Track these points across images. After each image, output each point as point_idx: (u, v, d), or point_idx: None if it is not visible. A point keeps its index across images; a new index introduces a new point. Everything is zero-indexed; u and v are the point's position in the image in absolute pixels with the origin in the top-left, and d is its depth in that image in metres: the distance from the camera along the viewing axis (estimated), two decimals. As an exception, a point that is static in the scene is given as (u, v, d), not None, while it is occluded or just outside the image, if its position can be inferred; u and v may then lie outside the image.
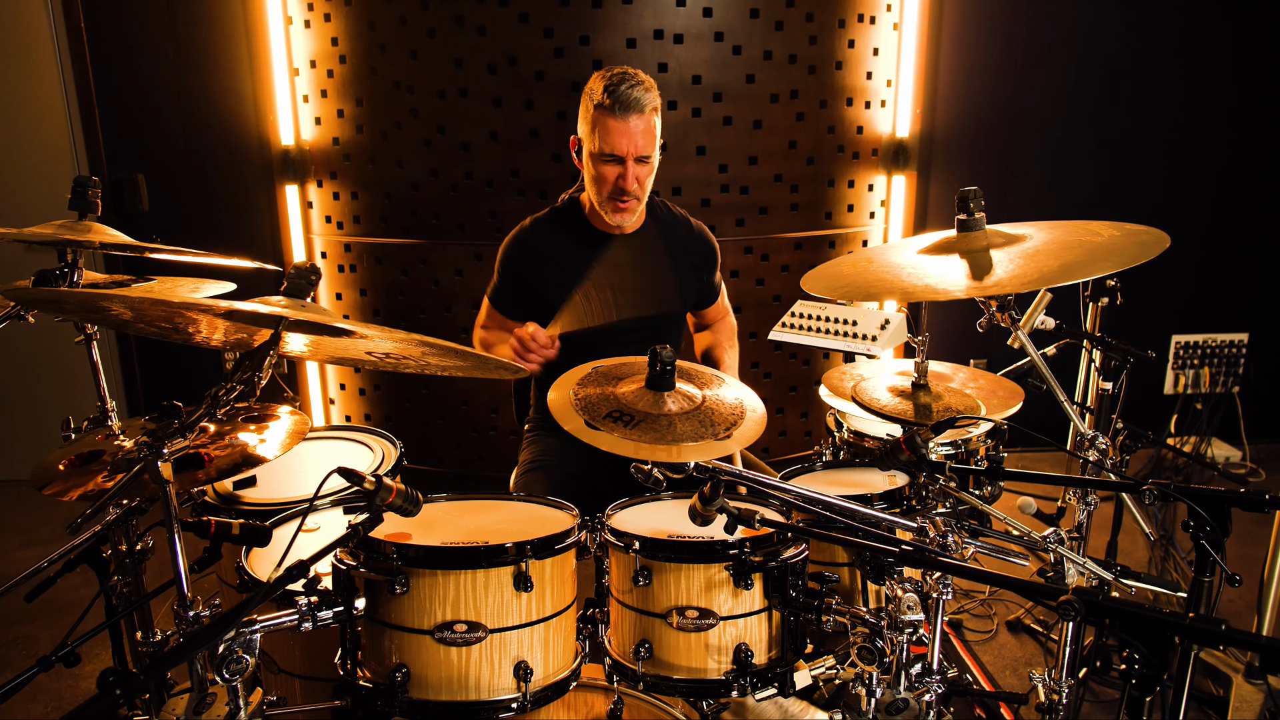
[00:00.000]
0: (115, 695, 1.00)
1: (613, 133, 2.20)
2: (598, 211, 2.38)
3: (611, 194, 2.27)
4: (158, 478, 1.39)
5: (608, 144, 2.21)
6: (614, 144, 2.20)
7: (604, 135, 2.21)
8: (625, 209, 2.29)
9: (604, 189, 2.27)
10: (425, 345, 1.34)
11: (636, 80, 2.19)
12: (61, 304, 1.25)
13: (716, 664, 1.55)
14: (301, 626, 1.48)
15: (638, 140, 2.21)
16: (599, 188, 2.28)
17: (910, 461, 1.62)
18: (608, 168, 2.24)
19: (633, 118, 2.19)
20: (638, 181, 2.25)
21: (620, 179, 2.24)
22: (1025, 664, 2.95)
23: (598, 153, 2.23)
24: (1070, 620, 1.02)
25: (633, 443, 1.31)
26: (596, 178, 2.27)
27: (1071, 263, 1.41)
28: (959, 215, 1.63)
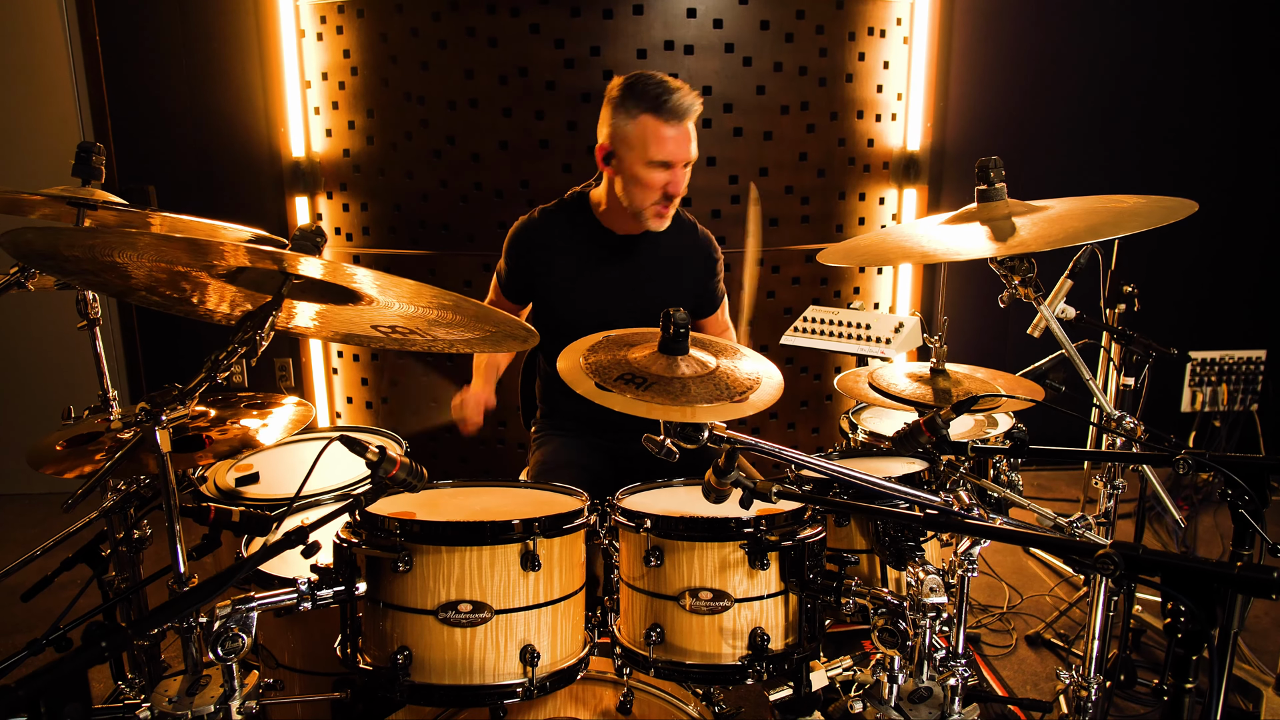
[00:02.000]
0: (101, 647, 0.95)
1: (668, 140, 2.15)
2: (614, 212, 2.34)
3: (657, 201, 2.22)
4: (155, 446, 1.34)
5: (662, 152, 2.15)
6: (669, 152, 2.16)
7: (658, 143, 2.15)
8: (667, 214, 2.26)
9: (650, 196, 2.21)
10: (438, 303, 1.30)
11: (679, 86, 2.16)
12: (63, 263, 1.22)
13: (731, 649, 1.49)
14: (300, 606, 1.43)
15: (688, 147, 2.19)
16: (643, 195, 2.22)
17: (931, 443, 1.56)
18: (658, 174, 2.19)
19: (685, 124, 2.17)
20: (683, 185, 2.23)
21: (669, 185, 2.20)
22: (1046, 679, 2.86)
23: (649, 161, 2.17)
24: (1108, 576, 0.96)
25: (645, 404, 1.27)
26: (643, 185, 2.20)
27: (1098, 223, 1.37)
28: (979, 186, 1.59)
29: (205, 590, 1.12)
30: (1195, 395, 4.50)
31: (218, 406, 1.90)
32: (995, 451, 1.60)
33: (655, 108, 2.13)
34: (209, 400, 1.95)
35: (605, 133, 2.24)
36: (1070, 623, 3.13)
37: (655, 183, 2.19)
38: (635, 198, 2.23)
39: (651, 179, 2.19)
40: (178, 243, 1.11)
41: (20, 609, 2.52)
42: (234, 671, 1.37)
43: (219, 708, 1.36)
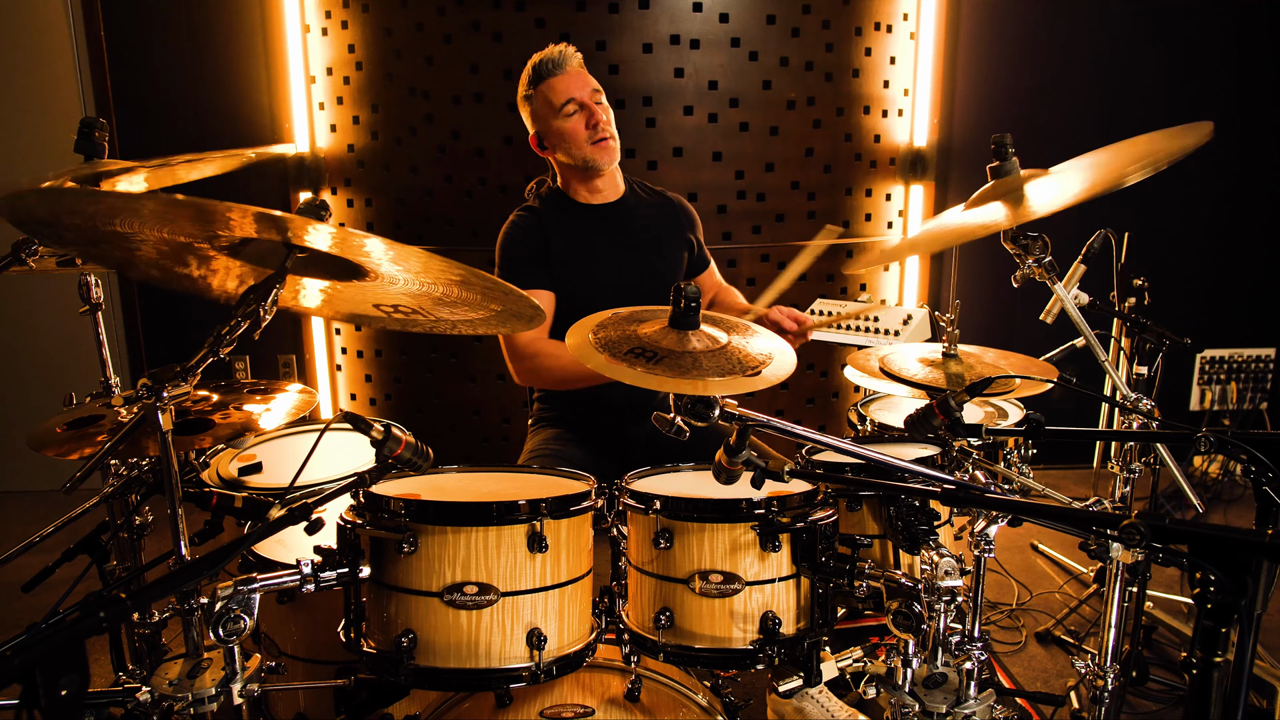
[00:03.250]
0: (99, 617, 0.92)
1: (560, 87, 2.36)
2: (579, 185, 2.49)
3: (589, 137, 2.37)
4: (156, 425, 1.32)
5: (562, 96, 2.36)
6: (565, 92, 2.35)
7: (554, 93, 2.36)
8: (606, 144, 2.40)
9: (580, 137, 2.37)
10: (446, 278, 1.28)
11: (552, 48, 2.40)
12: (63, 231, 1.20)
13: (742, 632, 1.46)
14: (304, 588, 1.40)
15: (584, 80, 2.39)
16: (577, 141, 2.38)
17: (944, 426, 1.53)
18: (575, 119, 2.36)
19: (568, 70, 2.38)
20: (606, 115, 2.39)
21: (589, 117, 2.36)
22: (1056, 676, 2.82)
23: (561, 113, 2.36)
24: (1134, 547, 0.93)
25: (656, 377, 1.24)
26: (571, 136, 2.37)
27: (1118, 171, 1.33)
28: (992, 163, 1.57)
29: (207, 563, 1.10)
30: (1204, 393, 4.48)
31: (221, 392, 1.88)
32: (1011, 433, 1.57)
33: (539, 75, 2.39)
34: (212, 386, 1.93)
35: (529, 124, 2.49)
36: (1080, 619, 3.10)
37: (577, 125, 2.37)
38: (574, 148, 2.39)
39: (573, 125, 2.37)
40: (182, 208, 1.08)
41: (21, 603, 2.49)
42: (235, 654, 1.34)
43: (220, 691, 1.33)
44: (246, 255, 1.32)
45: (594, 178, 2.46)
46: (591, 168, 2.41)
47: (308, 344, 4.22)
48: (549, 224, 2.46)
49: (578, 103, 2.36)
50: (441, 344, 3.93)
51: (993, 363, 1.93)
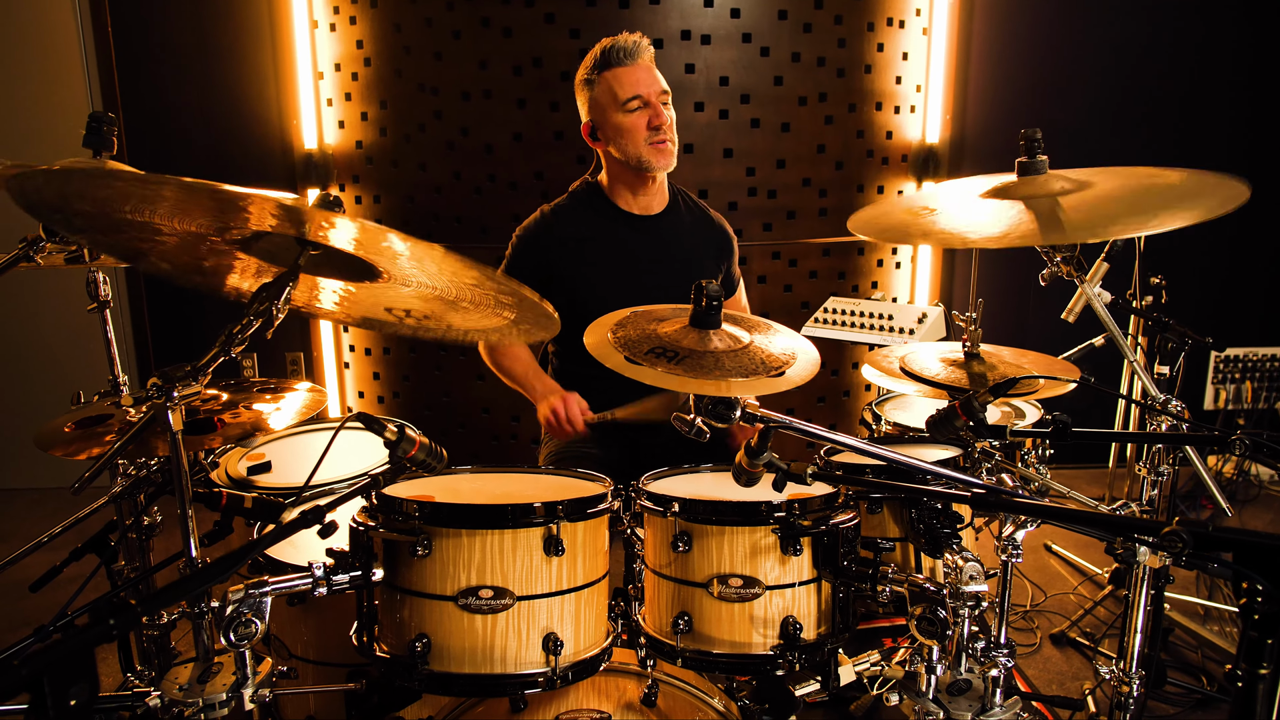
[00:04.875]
0: (109, 624, 0.89)
1: (628, 79, 2.25)
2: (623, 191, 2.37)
3: (648, 137, 2.27)
4: (166, 423, 1.29)
5: (628, 90, 2.25)
6: (634, 87, 2.25)
7: (621, 85, 2.26)
8: (664, 149, 2.30)
9: (639, 136, 2.27)
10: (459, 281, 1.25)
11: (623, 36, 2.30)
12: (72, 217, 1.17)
13: (762, 637, 1.43)
14: (316, 591, 1.37)
15: (654, 80, 2.28)
16: (634, 139, 2.27)
17: (967, 427, 1.50)
18: (637, 115, 2.26)
19: (640, 61, 2.28)
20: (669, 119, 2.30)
21: (652, 117, 2.26)
22: (1072, 678, 2.79)
23: (623, 104, 2.26)
24: (1175, 554, 0.90)
25: (678, 377, 1.21)
26: (629, 131, 2.27)
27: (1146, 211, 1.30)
28: (1020, 158, 1.53)
29: (218, 568, 1.07)
30: (1219, 393, 4.43)
31: (230, 391, 1.86)
32: (1037, 435, 1.54)
33: (607, 62, 2.28)
34: (221, 384, 1.90)
35: (584, 111, 2.38)
36: (1095, 621, 3.06)
37: (638, 122, 2.26)
38: (629, 145, 2.29)
39: (633, 120, 2.27)
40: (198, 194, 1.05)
41: (28, 602, 2.47)
42: (246, 658, 1.32)
43: (231, 696, 1.31)
44: (258, 251, 1.30)
45: (644, 181, 2.36)
46: (645, 168, 2.30)
47: (316, 341, 4.20)
48: (577, 230, 2.38)
49: (643, 99, 2.26)
50: (449, 343, 3.90)
51: (1013, 362, 1.89)
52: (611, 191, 2.41)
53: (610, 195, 2.42)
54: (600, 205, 2.42)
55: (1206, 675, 2.71)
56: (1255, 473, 4.38)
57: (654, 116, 2.26)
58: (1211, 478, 1.72)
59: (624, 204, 2.40)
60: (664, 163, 2.30)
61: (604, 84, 2.28)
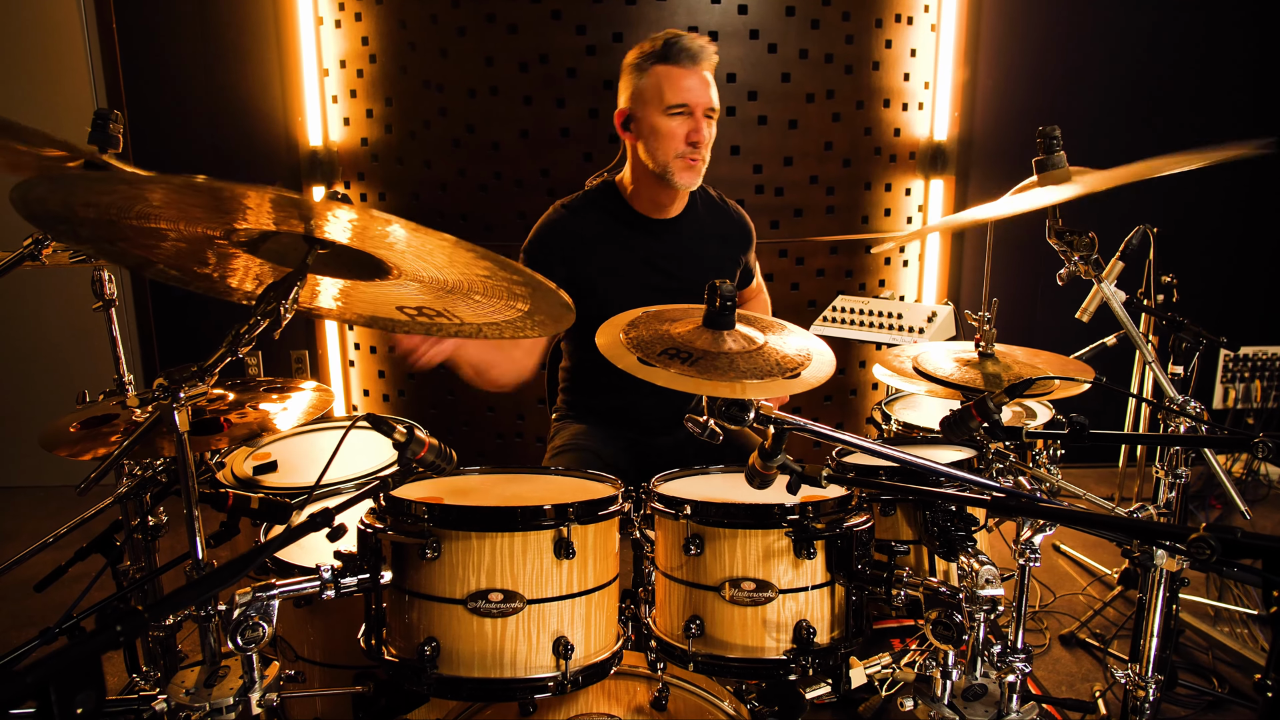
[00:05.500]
0: (115, 631, 0.88)
1: (681, 83, 2.11)
2: (643, 193, 2.28)
3: (681, 152, 2.14)
4: (172, 425, 1.28)
5: (677, 95, 2.11)
6: (684, 94, 2.11)
7: (672, 87, 2.11)
8: (694, 167, 2.18)
9: (673, 145, 2.14)
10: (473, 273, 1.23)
11: (690, 35, 2.13)
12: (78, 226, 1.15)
13: (775, 642, 1.41)
14: (323, 594, 1.36)
15: (706, 92, 2.14)
16: (666, 146, 2.14)
17: (982, 428, 1.48)
18: (677, 121, 2.13)
19: (700, 68, 2.13)
20: (709, 137, 2.17)
21: (691, 131, 2.13)
22: (1082, 679, 2.77)
23: (667, 107, 2.12)
24: (1203, 561, 0.88)
25: (692, 379, 1.19)
26: (664, 136, 2.14)
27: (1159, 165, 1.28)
28: (1037, 157, 1.51)
29: (225, 574, 1.06)
30: (1228, 391, 4.40)
31: (236, 390, 1.84)
32: (1054, 436, 1.52)
33: (665, 55, 2.12)
34: (227, 384, 1.89)
35: (624, 98, 2.22)
36: (1105, 622, 3.04)
37: (676, 131, 2.14)
38: (659, 152, 2.16)
39: (672, 128, 2.13)
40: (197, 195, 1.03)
41: (33, 601, 2.46)
42: (254, 662, 1.30)
43: (238, 700, 1.29)
44: (266, 252, 1.28)
45: (665, 189, 2.24)
46: (668, 181, 2.18)
47: (320, 340, 4.19)
48: (589, 230, 2.28)
49: (688, 109, 2.13)
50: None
51: (1027, 362, 1.87)
52: (629, 191, 2.31)
53: (627, 195, 2.32)
54: (615, 206, 2.32)
55: (1218, 677, 2.69)
56: (1265, 472, 4.35)
57: (694, 131, 2.13)
58: (1232, 481, 1.69)
59: (640, 206, 2.30)
60: (689, 181, 2.20)
61: (654, 77, 2.14)
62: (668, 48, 2.11)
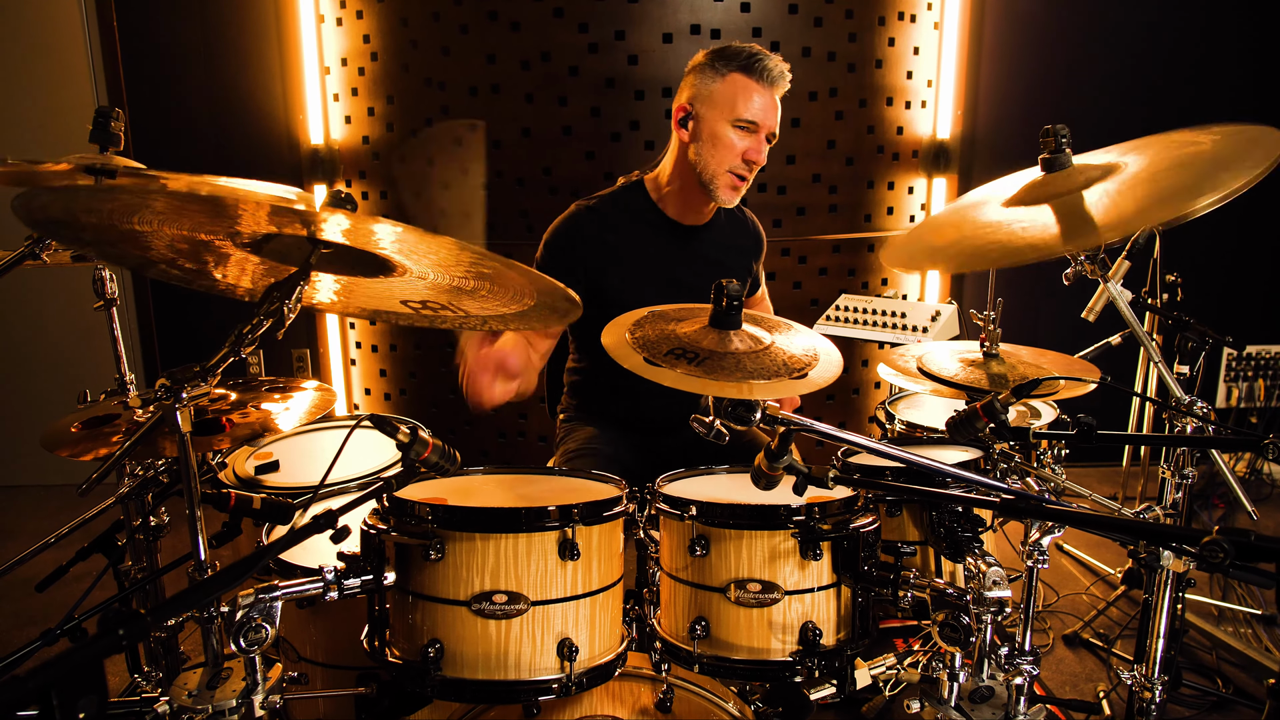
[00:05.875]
0: (118, 635, 0.87)
1: (757, 100, 2.06)
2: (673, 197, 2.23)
3: (734, 168, 2.10)
4: (175, 426, 1.27)
5: (750, 111, 2.06)
6: (757, 111, 2.06)
7: (747, 101, 2.05)
8: (740, 187, 2.14)
9: (728, 160, 2.09)
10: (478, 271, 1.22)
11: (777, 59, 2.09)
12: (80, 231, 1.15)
13: (781, 644, 1.40)
14: (326, 595, 1.35)
15: (774, 115, 2.10)
16: (721, 159, 2.09)
17: (988, 429, 1.47)
18: (739, 136, 2.08)
19: (776, 90, 2.09)
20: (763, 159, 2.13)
21: (750, 150, 2.09)
22: (1086, 679, 2.76)
23: (735, 119, 2.07)
24: (1216, 565, 0.87)
25: (699, 379, 1.18)
26: (722, 147, 2.09)
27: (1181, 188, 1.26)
28: (1043, 154, 1.50)
29: (228, 576, 1.05)
30: (1231, 390, 4.39)
31: (238, 390, 1.84)
32: (1062, 437, 1.51)
33: (747, 67, 2.06)
34: (229, 384, 1.88)
35: (687, 95, 2.15)
36: (1108, 621, 3.04)
37: (737, 146, 2.09)
38: (712, 161, 2.10)
39: (732, 140, 2.08)
40: (198, 202, 1.03)
41: (34, 601, 2.46)
42: (257, 664, 1.30)
43: (241, 702, 1.28)
44: (269, 252, 1.27)
45: (703, 197, 2.19)
46: (708, 192, 2.14)
47: (322, 338, 4.18)
48: (613, 232, 2.24)
49: (756, 128, 2.09)
50: (457, 339, 3.87)
51: (1032, 362, 1.86)
52: (662, 193, 2.26)
53: (657, 197, 2.27)
54: (642, 208, 2.28)
55: (1222, 677, 2.69)
56: (1268, 471, 4.34)
57: (753, 149, 2.09)
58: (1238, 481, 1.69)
59: (669, 210, 2.26)
60: (730, 199, 2.16)
61: (731, 84, 2.07)
62: (751, 59, 2.06)
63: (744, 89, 2.06)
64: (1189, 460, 1.63)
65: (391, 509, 1.40)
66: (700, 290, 2.23)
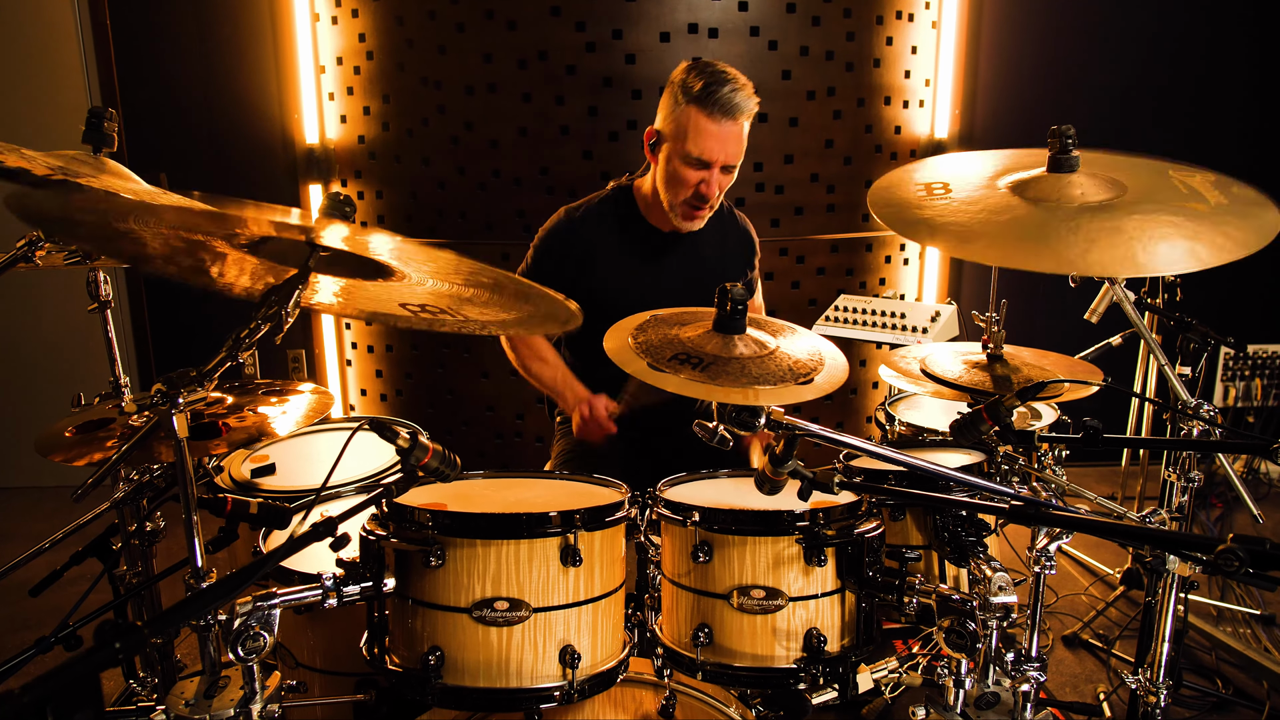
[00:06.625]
0: (114, 648, 0.85)
1: (706, 137, 2.04)
2: (659, 207, 2.23)
3: (689, 199, 2.12)
4: (171, 431, 1.25)
5: (698, 148, 2.05)
6: (705, 149, 2.05)
7: (696, 138, 2.05)
8: (698, 216, 2.16)
9: (681, 193, 2.12)
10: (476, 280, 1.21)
11: (739, 84, 2.06)
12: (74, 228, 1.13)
13: (785, 650, 1.39)
14: (325, 603, 1.33)
15: (730, 147, 2.08)
16: (675, 190, 2.13)
17: (993, 432, 1.46)
18: (691, 171, 2.09)
19: (729, 123, 2.05)
20: (719, 189, 2.13)
21: (703, 184, 2.10)
22: (1086, 680, 2.76)
23: (685, 154, 2.07)
24: (1230, 574, 0.86)
25: (704, 385, 1.17)
26: (676, 179, 2.11)
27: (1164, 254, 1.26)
28: (1052, 152, 1.49)
29: (226, 586, 1.03)
30: (1228, 390, 4.39)
31: (235, 394, 1.82)
32: (1067, 440, 1.50)
33: (701, 99, 2.03)
34: (226, 387, 1.86)
35: (660, 117, 2.17)
36: (1107, 622, 3.03)
37: (689, 180, 2.10)
38: (667, 192, 2.15)
39: (685, 175, 2.10)
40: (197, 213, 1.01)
41: (28, 605, 2.43)
42: (255, 672, 1.28)
43: (239, 711, 1.27)
44: (266, 253, 1.25)
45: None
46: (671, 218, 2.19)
47: (317, 339, 4.16)
48: (599, 237, 2.27)
49: (707, 164, 2.08)
50: (454, 339, 3.86)
51: (1035, 363, 1.85)
52: (647, 202, 2.29)
53: (643, 206, 2.30)
54: (627, 215, 2.30)
55: (1222, 678, 2.68)
56: (1265, 470, 4.34)
57: (705, 184, 2.09)
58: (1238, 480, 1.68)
59: (653, 218, 2.29)
60: (690, 226, 2.18)
61: (685, 117, 2.07)
62: (707, 92, 2.03)
63: (695, 125, 2.05)
64: (1194, 464, 1.62)
65: (391, 515, 1.38)
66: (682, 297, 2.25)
